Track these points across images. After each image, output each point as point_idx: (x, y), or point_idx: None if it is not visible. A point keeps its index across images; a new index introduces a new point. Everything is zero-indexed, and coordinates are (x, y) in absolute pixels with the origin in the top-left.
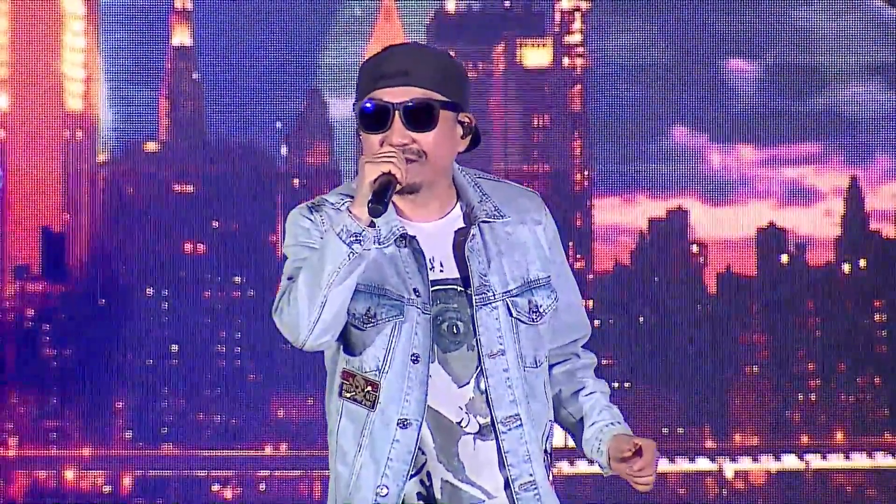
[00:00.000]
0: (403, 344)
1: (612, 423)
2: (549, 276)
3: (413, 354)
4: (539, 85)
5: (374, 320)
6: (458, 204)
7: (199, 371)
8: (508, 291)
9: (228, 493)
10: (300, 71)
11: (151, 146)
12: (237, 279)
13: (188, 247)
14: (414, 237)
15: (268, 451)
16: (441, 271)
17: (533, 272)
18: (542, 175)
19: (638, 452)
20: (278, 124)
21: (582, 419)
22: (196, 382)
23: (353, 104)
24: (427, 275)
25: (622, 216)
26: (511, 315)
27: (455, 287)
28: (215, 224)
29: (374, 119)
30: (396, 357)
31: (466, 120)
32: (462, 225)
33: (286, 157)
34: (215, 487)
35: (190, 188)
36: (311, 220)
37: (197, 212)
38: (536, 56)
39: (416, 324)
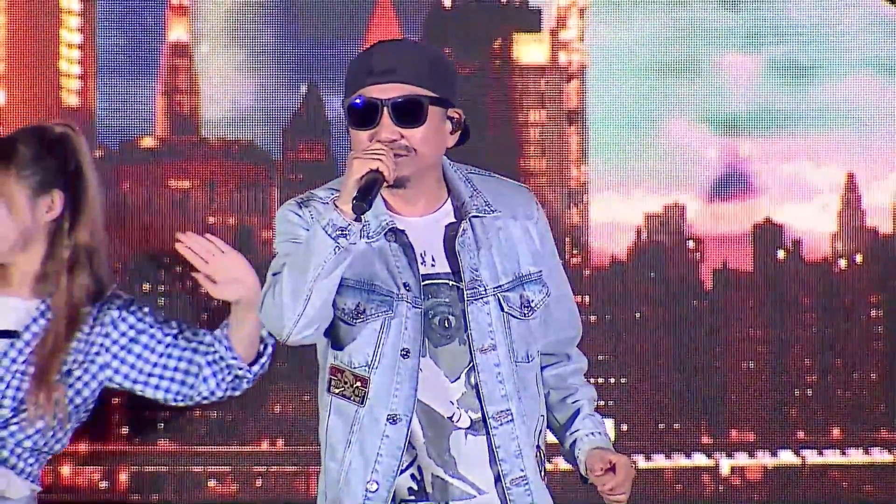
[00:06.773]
0: (393, 339)
1: (591, 434)
2: (540, 271)
3: (403, 349)
4: (535, 81)
5: (364, 315)
6: (449, 199)
7: None
8: (500, 286)
9: (225, 489)
10: (296, 66)
11: (148, 142)
12: None
13: None
14: (403, 231)
15: (264, 446)
16: (433, 266)
17: (524, 267)
18: (539, 171)
19: (613, 470)
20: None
21: (566, 424)
22: None
23: (342, 101)
24: (418, 269)
25: (619, 212)
26: (502, 310)
27: (447, 282)
28: (211, 220)
29: (363, 115)
30: (386, 352)
31: (455, 115)
32: (453, 220)
33: (282, 153)
34: (211, 483)
35: (186, 184)
36: (299, 215)
37: (193, 208)
38: (533, 52)
39: (406, 318)
